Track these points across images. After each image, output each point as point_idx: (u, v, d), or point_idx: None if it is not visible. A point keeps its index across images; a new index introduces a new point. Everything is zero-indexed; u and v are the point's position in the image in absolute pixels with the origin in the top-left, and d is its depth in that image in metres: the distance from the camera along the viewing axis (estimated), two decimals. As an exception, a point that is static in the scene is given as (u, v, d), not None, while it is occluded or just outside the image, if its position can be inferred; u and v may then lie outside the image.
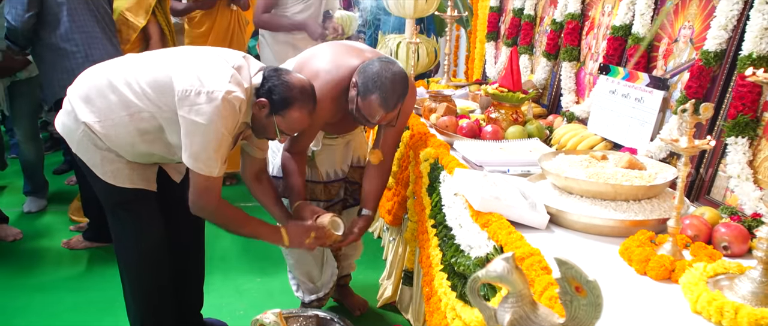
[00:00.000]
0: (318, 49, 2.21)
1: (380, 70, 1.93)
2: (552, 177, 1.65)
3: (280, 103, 1.85)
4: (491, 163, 1.94)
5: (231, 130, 1.86)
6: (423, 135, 2.31)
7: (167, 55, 1.96)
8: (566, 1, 2.61)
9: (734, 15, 1.66)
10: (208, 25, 3.88)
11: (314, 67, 2.07)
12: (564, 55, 2.55)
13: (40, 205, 3.78)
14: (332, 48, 2.19)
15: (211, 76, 1.81)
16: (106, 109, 1.90)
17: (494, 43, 3.47)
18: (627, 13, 2.16)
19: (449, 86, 3.29)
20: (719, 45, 1.70)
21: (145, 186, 2.09)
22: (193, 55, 1.92)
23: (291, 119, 1.88)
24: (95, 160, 2.00)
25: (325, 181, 2.35)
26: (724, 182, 1.65)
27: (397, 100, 1.96)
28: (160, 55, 1.97)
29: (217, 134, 1.80)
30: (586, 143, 2.11)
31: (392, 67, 1.96)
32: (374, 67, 1.95)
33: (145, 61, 1.94)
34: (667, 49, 2.00)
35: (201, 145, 1.81)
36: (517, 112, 2.35)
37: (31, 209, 3.75)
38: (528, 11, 3.03)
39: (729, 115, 1.61)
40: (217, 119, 1.77)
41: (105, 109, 1.91)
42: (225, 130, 1.81)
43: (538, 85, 2.78)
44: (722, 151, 1.66)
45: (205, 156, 1.82)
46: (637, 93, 2.00)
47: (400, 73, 1.97)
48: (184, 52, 1.96)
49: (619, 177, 1.57)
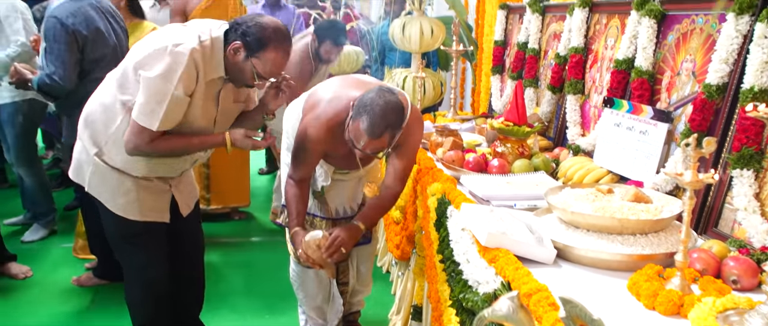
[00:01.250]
0: (325, 81, 2.26)
1: (374, 97, 1.92)
2: (558, 212, 1.66)
3: (255, 43, 1.88)
4: (498, 197, 1.95)
5: (187, 89, 1.88)
6: (430, 169, 2.32)
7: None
8: (569, 35, 2.65)
9: (734, 49, 1.68)
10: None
11: (317, 97, 2.10)
12: (568, 89, 2.57)
13: (39, 235, 3.83)
14: (338, 80, 2.23)
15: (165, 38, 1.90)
16: (104, 119, 2.00)
17: (499, 77, 3.50)
18: (629, 46, 2.19)
19: (456, 119, 3.32)
20: (721, 78, 1.71)
21: (156, 218, 2.13)
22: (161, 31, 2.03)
23: (267, 60, 1.90)
24: (107, 193, 2.06)
25: (334, 218, 2.35)
26: (731, 215, 1.65)
27: (384, 129, 1.90)
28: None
29: (163, 87, 1.84)
30: (593, 176, 2.11)
31: (388, 95, 1.93)
32: (371, 93, 1.94)
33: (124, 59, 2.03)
34: (669, 82, 2.01)
35: (146, 97, 1.86)
36: (523, 145, 2.37)
37: (29, 238, 3.80)
38: (532, 45, 3.07)
39: (733, 147, 1.62)
40: (165, 72, 1.83)
41: (104, 119, 2.00)
42: (173, 85, 1.84)
43: (544, 118, 2.80)
44: (728, 184, 1.66)
45: (147, 108, 1.87)
46: (641, 126, 2.02)
47: (394, 102, 1.93)
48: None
49: (625, 210, 1.57)
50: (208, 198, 4.14)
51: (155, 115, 1.87)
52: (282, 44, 1.91)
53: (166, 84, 1.85)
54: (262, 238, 4.03)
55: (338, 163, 2.26)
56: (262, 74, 1.93)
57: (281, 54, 1.92)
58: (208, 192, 4.12)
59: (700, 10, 1.91)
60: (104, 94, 2.04)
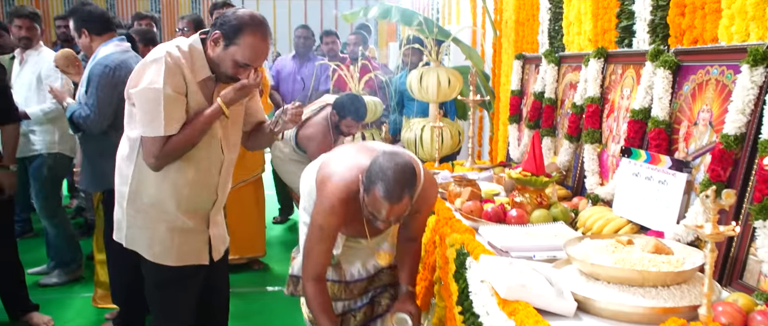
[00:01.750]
0: (334, 151, 2.27)
1: (383, 162, 1.87)
2: (578, 263, 1.65)
3: (231, 31, 1.94)
4: (517, 248, 1.94)
5: (177, 87, 1.96)
6: (448, 220, 2.33)
7: None
8: (585, 85, 2.68)
9: (751, 99, 1.69)
10: None
11: (328, 170, 2.08)
12: (586, 138, 2.58)
13: (55, 280, 3.88)
14: (347, 149, 2.24)
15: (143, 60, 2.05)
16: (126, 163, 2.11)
17: (517, 126, 3.53)
18: (645, 97, 2.21)
19: (474, 168, 3.33)
20: (738, 128, 1.71)
21: (194, 261, 2.20)
22: None
23: (245, 46, 1.96)
24: (144, 243, 2.14)
25: (348, 281, 2.26)
26: (757, 266, 1.62)
27: (402, 190, 1.85)
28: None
29: (152, 93, 1.93)
30: (612, 226, 2.10)
31: (396, 157, 1.90)
32: (377, 160, 1.90)
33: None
34: (687, 132, 2.02)
35: (142, 109, 1.96)
36: (542, 195, 2.37)
37: (46, 281, 3.86)
38: (548, 94, 3.10)
39: (754, 198, 1.61)
40: (149, 80, 1.94)
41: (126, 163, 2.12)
42: (160, 86, 1.93)
43: (562, 167, 2.80)
44: (752, 235, 1.64)
45: (148, 118, 1.95)
46: (660, 175, 2.01)
47: (403, 163, 1.88)
48: None
49: (646, 262, 1.55)
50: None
51: (158, 121, 1.95)
52: (259, 28, 1.97)
53: (153, 88, 1.94)
54: (279, 288, 4.02)
55: (350, 232, 2.21)
56: (242, 61, 1.99)
57: (259, 38, 1.98)
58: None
59: (714, 62, 1.93)
60: (122, 146, 2.15)
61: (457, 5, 6.67)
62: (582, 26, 2.87)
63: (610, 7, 2.63)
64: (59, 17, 5.21)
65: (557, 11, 3.17)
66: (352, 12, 4.54)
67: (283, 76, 5.02)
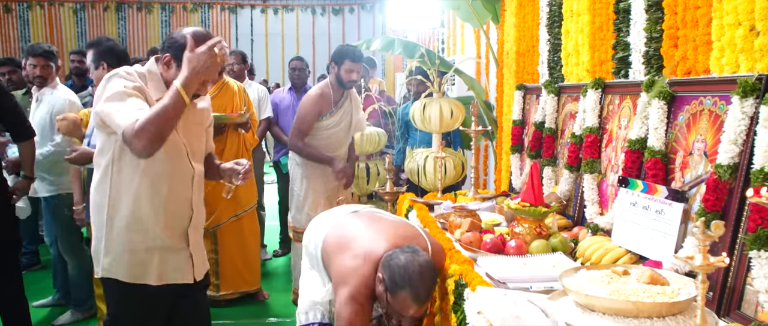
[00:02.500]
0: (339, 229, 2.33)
1: (406, 264, 1.98)
2: (573, 295, 1.65)
3: (180, 50, 2.04)
4: (514, 279, 1.95)
5: (135, 91, 2.03)
6: (448, 251, 2.33)
7: None
8: (584, 115, 2.70)
9: (742, 130, 1.70)
10: (218, 149, 3.95)
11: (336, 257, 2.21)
12: (585, 168, 2.60)
13: (71, 318, 3.90)
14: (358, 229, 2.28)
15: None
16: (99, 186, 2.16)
17: (519, 155, 3.54)
18: (641, 127, 2.22)
19: (476, 198, 3.34)
20: (731, 159, 1.72)
21: (177, 280, 2.24)
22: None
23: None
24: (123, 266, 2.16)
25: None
26: (754, 297, 1.61)
27: (428, 291, 2.00)
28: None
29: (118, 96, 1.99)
30: (611, 256, 2.10)
31: (418, 258, 2.00)
32: (399, 260, 1.99)
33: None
34: (683, 162, 2.03)
35: (111, 110, 1.99)
36: (541, 225, 2.37)
37: (61, 321, 3.87)
38: (549, 124, 3.12)
39: (749, 228, 1.61)
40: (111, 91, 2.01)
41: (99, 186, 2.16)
42: (123, 89, 2.01)
43: (563, 197, 2.80)
44: (748, 265, 1.64)
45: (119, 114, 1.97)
46: (657, 205, 2.02)
47: (426, 263, 2.01)
48: None
49: (640, 293, 1.55)
50: (218, 285, 4.07)
51: (130, 108, 1.97)
52: (204, 40, 2.05)
53: (116, 92, 2.01)
54: (280, 319, 4.02)
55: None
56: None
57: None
58: (217, 278, 4.07)
59: (707, 92, 1.95)
60: (93, 180, 2.20)
61: (461, 37, 6.76)
62: (580, 57, 2.91)
63: (606, 38, 2.67)
64: (74, 52, 5.34)
65: (556, 42, 3.22)
66: (355, 45, 4.61)
67: (281, 109, 5.05)
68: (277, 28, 15.59)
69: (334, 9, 15.68)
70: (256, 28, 15.57)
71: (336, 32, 15.54)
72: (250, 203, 4.15)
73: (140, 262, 2.17)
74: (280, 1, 15.67)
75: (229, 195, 2.36)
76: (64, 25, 14.75)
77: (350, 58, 3.82)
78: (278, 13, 15.58)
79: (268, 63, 15.10)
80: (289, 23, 15.69)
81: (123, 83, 2.04)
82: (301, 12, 15.64)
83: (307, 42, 15.29)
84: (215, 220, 3.98)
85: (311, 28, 15.67)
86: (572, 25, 2.97)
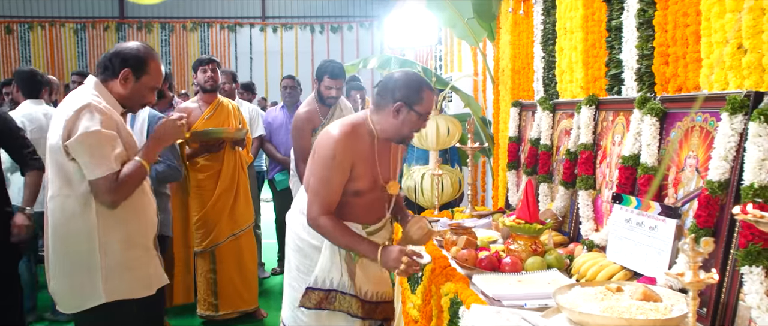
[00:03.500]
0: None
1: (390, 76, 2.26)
2: (567, 312, 1.65)
3: (138, 63, 2.21)
4: (509, 296, 1.95)
5: (109, 126, 2.13)
6: (443, 269, 2.34)
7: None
8: (578, 131, 2.72)
9: (732, 146, 1.72)
10: (216, 168, 3.98)
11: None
12: (580, 184, 2.61)
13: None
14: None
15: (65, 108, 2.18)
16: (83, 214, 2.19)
17: (515, 172, 3.55)
18: (634, 143, 2.24)
19: (473, 215, 3.35)
20: (722, 175, 1.74)
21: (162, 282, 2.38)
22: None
23: (155, 70, 2.26)
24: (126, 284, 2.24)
25: (363, 299, 2.34)
26: (746, 312, 1.62)
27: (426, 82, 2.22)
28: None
29: (105, 134, 2.10)
30: (606, 272, 2.10)
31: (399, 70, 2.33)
32: (392, 81, 2.23)
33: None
34: (675, 178, 2.04)
35: (90, 151, 2.09)
36: (536, 242, 2.38)
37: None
38: (544, 141, 3.14)
39: (740, 244, 1.62)
40: (89, 124, 2.08)
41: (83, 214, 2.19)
42: (100, 128, 2.09)
43: (559, 213, 2.81)
44: (740, 281, 1.65)
45: (98, 159, 2.10)
46: (650, 221, 2.03)
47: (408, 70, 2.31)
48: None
49: (633, 310, 1.56)
50: (216, 305, 4.05)
51: (106, 159, 2.11)
52: (156, 55, 2.29)
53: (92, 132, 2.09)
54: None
55: (364, 179, 2.26)
56: (156, 85, 2.29)
57: (159, 61, 2.30)
58: (216, 298, 4.04)
59: (698, 109, 1.97)
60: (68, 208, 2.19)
61: (458, 54, 6.80)
62: (574, 74, 2.93)
63: (599, 55, 2.69)
64: (75, 73, 5.42)
65: (550, 59, 3.25)
66: (353, 63, 4.65)
67: (274, 128, 5.06)
68: (276, 47, 15.71)
69: (332, 27, 15.81)
70: (256, 46, 15.70)
71: (335, 50, 15.65)
72: (248, 222, 4.13)
73: (143, 276, 2.28)
74: (279, 19, 15.81)
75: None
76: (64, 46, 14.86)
77: (329, 75, 3.80)
78: (277, 31, 15.70)
79: (267, 81, 15.19)
80: (288, 41, 15.81)
81: (98, 121, 2.11)
82: (300, 30, 15.77)
83: (306, 60, 15.39)
84: (214, 240, 3.97)
85: (310, 46, 15.79)
86: (566, 42, 3.00)
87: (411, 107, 2.17)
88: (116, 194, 2.14)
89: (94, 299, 2.19)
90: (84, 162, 2.10)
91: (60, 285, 2.24)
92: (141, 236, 2.27)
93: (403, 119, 2.18)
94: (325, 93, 3.83)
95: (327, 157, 2.16)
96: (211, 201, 3.93)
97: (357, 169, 2.21)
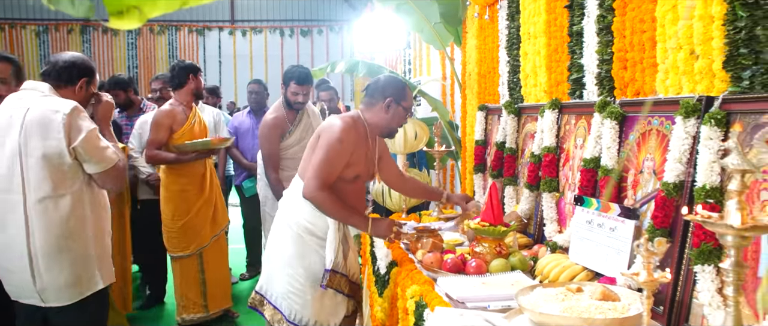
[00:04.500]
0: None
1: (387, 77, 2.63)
2: (528, 313, 1.68)
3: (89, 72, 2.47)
4: (472, 298, 1.97)
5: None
6: (409, 272, 2.35)
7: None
8: (542, 135, 2.76)
9: (686, 149, 1.77)
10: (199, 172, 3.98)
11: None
12: (544, 187, 2.65)
13: None
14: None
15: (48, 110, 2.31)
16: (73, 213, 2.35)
17: (482, 175, 3.60)
18: (595, 146, 2.29)
19: (440, 218, 3.37)
20: (677, 177, 1.79)
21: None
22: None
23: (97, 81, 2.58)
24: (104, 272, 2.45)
25: (352, 281, 2.54)
26: (699, 310, 1.66)
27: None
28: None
29: (95, 131, 2.33)
30: (568, 273, 2.14)
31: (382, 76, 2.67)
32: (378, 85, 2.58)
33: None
34: (634, 180, 2.09)
35: (92, 149, 2.30)
36: (501, 244, 2.41)
37: None
38: (510, 144, 3.19)
39: (693, 244, 1.67)
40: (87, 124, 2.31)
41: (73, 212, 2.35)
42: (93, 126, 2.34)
43: (524, 216, 2.85)
44: (694, 279, 1.70)
45: (102, 153, 2.34)
46: (610, 222, 2.07)
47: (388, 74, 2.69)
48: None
49: (593, 310, 1.59)
50: (206, 305, 4.06)
51: (108, 151, 2.37)
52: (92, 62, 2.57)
53: (92, 129, 2.32)
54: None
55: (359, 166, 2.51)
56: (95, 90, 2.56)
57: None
58: (204, 299, 4.04)
59: (654, 113, 2.02)
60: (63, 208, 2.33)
61: (427, 59, 6.85)
62: (538, 78, 2.98)
63: (561, 60, 2.74)
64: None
65: (515, 64, 3.29)
66: (321, 67, 4.65)
67: (241, 132, 5.01)
68: (246, 50, 15.58)
69: (302, 31, 15.75)
70: (225, 49, 15.54)
71: (305, 54, 15.60)
72: (225, 222, 4.22)
73: (111, 263, 2.51)
74: (248, 23, 15.69)
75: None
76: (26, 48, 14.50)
77: (296, 80, 3.81)
78: (247, 35, 15.58)
79: (236, 85, 15.06)
80: (258, 45, 15.70)
81: (89, 121, 2.34)
82: (269, 34, 15.67)
83: (276, 63, 15.31)
84: (200, 243, 3.99)
85: (280, 49, 15.71)
86: (530, 47, 3.05)
87: (399, 102, 2.52)
88: (123, 180, 2.48)
89: (92, 285, 2.38)
90: (94, 158, 2.31)
91: (56, 280, 2.32)
92: (108, 225, 2.50)
93: (392, 113, 2.52)
94: (291, 98, 3.84)
95: (334, 140, 2.39)
96: (196, 206, 3.94)
97: (355, 156, 2.47)
